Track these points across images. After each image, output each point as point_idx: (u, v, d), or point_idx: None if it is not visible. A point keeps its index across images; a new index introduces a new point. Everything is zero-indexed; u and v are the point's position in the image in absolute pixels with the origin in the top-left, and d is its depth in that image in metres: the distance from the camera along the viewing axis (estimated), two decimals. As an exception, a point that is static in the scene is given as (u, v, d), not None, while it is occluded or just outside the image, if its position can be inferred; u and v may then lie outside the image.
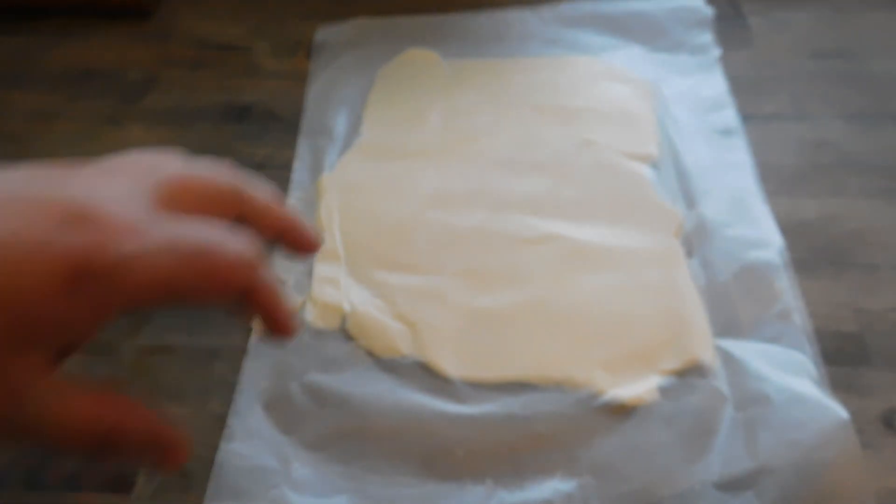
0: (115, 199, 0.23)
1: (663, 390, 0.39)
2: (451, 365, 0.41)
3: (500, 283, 0.44)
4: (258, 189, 0.27)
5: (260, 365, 0.42)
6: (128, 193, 0.24)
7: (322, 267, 0.46)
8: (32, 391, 0.22)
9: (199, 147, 0.55)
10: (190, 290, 0.23)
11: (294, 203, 0.50)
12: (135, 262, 0.22)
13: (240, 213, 0.26)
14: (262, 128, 0.57)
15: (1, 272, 0.21)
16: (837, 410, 0.36)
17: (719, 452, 0.37)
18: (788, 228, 0.46)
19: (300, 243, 0.28)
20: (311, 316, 0.43)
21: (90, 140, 0.57)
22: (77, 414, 0.23)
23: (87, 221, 0.22)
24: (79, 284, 0.22)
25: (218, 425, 0.40)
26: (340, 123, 0.55)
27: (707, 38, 0.59)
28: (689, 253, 0.45)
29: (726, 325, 0.42)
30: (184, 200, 0.25)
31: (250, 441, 0.39)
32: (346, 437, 0.39)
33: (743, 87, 0.55)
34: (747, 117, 0.53)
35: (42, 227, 0.22)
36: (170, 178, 0.25)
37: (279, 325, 0.26)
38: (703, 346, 0.40)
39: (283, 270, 0.46)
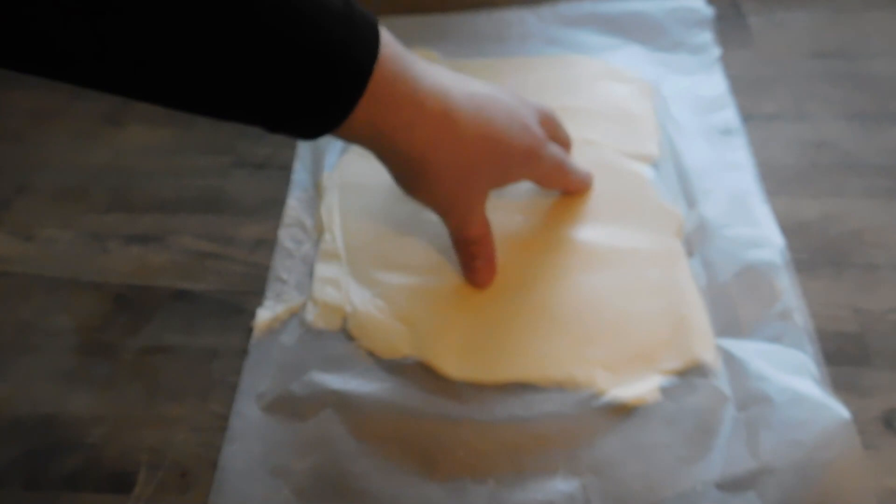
0: (533, 119, 0.43)
1: (664, 390, 0.39)
2: (452, 365, 0.41)
3: (500, 284, 0.44)
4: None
5: (260, 365, 0.42)
6: (535, 117, 0.43)
7: (323, 267, 0.46)
8: (479, 210, 0.42)
9: (199, 147, 0.56)
10: (545, 182, 0.46)
11: (294, 203, 0.50)
12: (546, 160, 0.43)
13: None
14: (262, 128, 0.56)
15: (509, 137, 0.40)
16: (839, 410, 0.36)
17: (720, 452, 0.37)
18: (788, 228, 0.46)
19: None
20: (313, 316, 0.43)
21: (90, 140, 0.57)
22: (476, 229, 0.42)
23: (530, 129, 0.42)
24: (527, 160, 0.42)
25: (218, 425, 0.40)
26: (340, 123, 0.55)
27: (707, 37, 0.59)
28: (690, 253, 0.45)
29: (727, 324, 0.42)
30: (546, 127, 0.44)
31: (250, 441, 0.39)
32: (347, 437, 0.39)
33: (743, 87, 0.55)
34: (747, 117, 0.53)
35: (521, 122, 0.41)
36: (540, 111, 0.44)
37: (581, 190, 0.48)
38: (705, 346, 0.40)
39: (283, 270, 0.46)
